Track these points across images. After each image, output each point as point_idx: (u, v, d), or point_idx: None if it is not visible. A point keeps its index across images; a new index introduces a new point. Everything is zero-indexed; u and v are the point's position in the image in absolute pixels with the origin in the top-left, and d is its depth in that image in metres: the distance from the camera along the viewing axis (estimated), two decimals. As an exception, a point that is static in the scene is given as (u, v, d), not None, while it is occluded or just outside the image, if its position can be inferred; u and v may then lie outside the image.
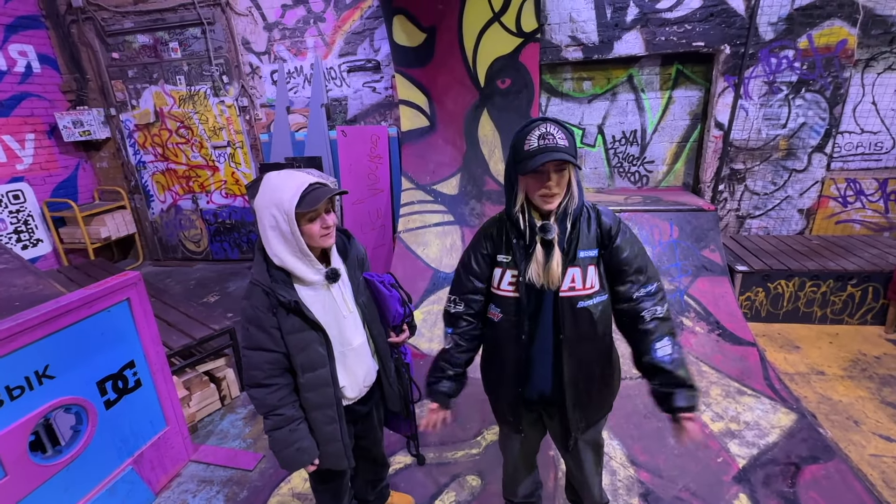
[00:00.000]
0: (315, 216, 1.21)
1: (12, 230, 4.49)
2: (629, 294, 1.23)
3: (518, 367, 1.30)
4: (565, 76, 4.12)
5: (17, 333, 1.52)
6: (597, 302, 1.22)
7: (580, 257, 1.19)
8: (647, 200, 3.79)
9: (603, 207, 1.27)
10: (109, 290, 1.85)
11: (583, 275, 1.20)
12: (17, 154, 4.51)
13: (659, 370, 1.22)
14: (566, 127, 1.16)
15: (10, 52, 4.42)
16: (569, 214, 1.18)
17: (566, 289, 1.20)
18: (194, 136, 4.90)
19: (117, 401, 1.92)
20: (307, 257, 1.25)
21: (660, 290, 1.25)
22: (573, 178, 1.17)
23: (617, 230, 1.22)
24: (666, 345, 1.22)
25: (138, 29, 4.57)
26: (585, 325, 1.22)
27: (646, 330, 1.23)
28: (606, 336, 1.28)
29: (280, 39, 4.35)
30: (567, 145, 1.12)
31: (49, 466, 1.66)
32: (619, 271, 1.23)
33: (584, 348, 1.25)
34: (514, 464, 1.61)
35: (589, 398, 1.31)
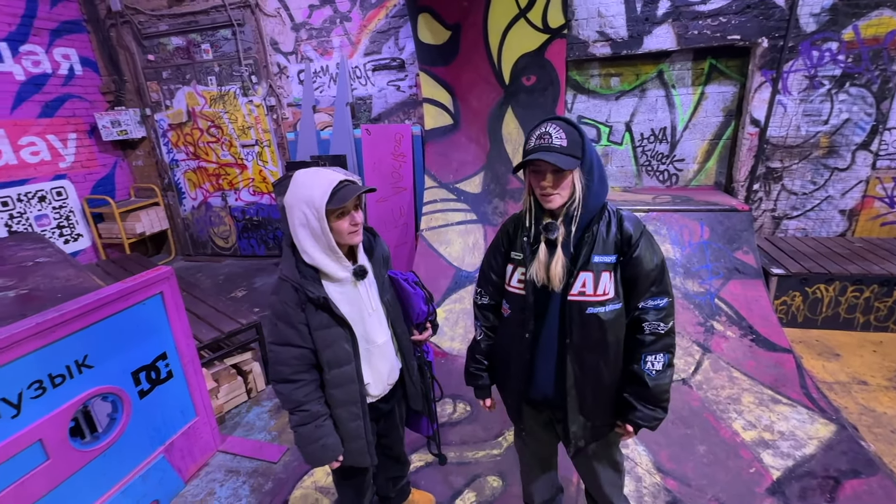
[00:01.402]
0: (344, 213, 1.23)
1: (55, 225, 4.72)
2: (636, 303, 1.21)
3: (521, 365, 1.30)
4: (592, 72, 4.03)
5: (59, 324, 1.59)
6: (609, 310, 1.18)
7: (594, 262, 1.16)
8: (677, 200, 3.68)
9: (627, 213, 1.23)
10: (144, 283, 1.91)
11: (595, 280, 1.16)
12: (60, 153, 4.73)
13: (638, 380, 1.21)
14: (574, 127, 1.14)
15: (54, 55, 4.64)
16: (574, 217, 1.15)
17: (576, 293, 1.17)
18: (224, 135, 5.03)
19: (150, 391, 1.99)
20: (335, 254, 1.26)
21: (669, 307, 1.21)
22: (577, 179, 1.14)
23: (639, 238, 1.17)
24: (657, 360, 1.20)
25: (172, 31, 4.72)
26: (594, 331, 1.19)
27: (641, 340, 1.21)
28: (619, 345, 1.23)
29: (307, 39, 4.41)
30: (563, 145, 1.10)
31: (87, 452, 1.74)
32: (633, 281, 1.19)
33: (591, 355, 1.21)
34: (527, 466, 1.60)
35: (595, 408, 1.27)
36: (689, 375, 2.76)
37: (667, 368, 1.20)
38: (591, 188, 1.15)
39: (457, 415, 2.59)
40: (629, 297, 1.21)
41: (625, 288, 1.21)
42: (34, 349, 1.53)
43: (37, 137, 4.52)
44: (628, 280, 1.19)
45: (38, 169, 4.54)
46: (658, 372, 1.19)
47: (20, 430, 1.51)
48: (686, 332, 3.02)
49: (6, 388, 1.47)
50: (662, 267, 1.20)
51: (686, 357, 2.88)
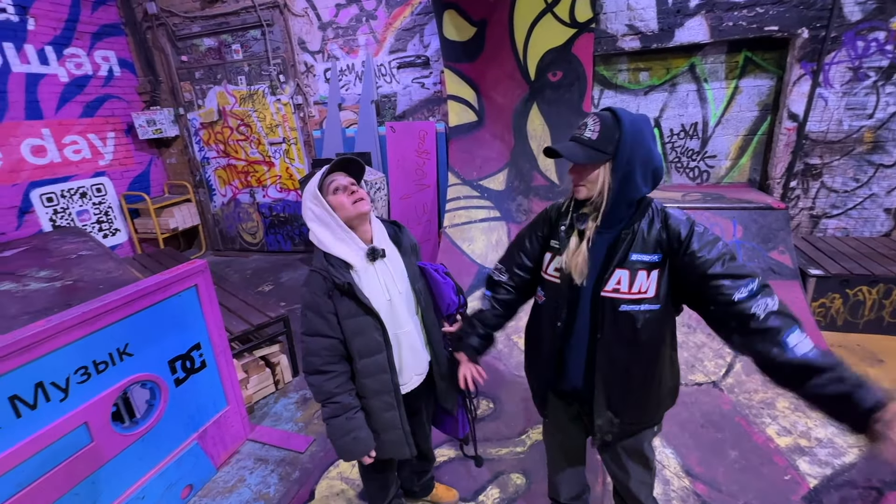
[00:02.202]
0: (337, 187, 1.29)
1: (95, 220, 4.95)
2: (728, 298, 1.05)
3: (552, 354, 1.30)
4: (620, 67, 3.95)
5: (103, 313, 1.67)
6: (644, 309, 1.14)
7: (631, 260, 1.13)
8: (708, 197, 3.57)
9: (674, 210, 1.18)
10: (180, 276, 1.98)
11: (631, 278, 1.13)
12: (99, 151, 4.95)
13: (810, 368, 0.97)
14: (618, 121, 1.09)
15: (95, 57, 4.85)
16: (599, 212, 1.13)
17: (609, 290, 1.15)
18: (253, 134, 5.16)
19: (185, 379, 2.07)
20: (348, 234, 1.31)
21: (763, 286, 1.06)
22: (604, 175, 1.11)
23: (689, 234, 1.11)
24: (801, 337, 1.00)
25: (205, 32, 4.86)
26: (627, 329, 1.16)
27: (764, 329, 1.02)
28: (653, 345, 1.20)
29: (333, 38, 4.47)
30: (592, 138, 1.09)
31: (127, 436, 1.82)
32: (703, 276, 1.09)
33: (622, 352, 1.19)
34: (554, 458, 1.58)
35: (623, 405, 1.25)
36: (720, 378, 2.68)
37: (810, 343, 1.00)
38: (628, 184, 1.09)
39: (480, 411, 2.58)
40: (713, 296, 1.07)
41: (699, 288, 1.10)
42: (80, 337, 1.61)
43: (79, 136, 4.73)
44: (697, 277, 1.09)
45: (79, 166, 4.76)
46: (815, 348, 0.99)
47: (68, 412, 1.60)
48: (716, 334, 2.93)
49: (56, 373, 1.56)
50: (727, 251, 1.10)
51: (716, 359, 2.80)
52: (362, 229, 1.35)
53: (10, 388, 1.43)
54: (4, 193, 4.17)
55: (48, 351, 1.51)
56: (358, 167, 1.36)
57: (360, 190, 1.32)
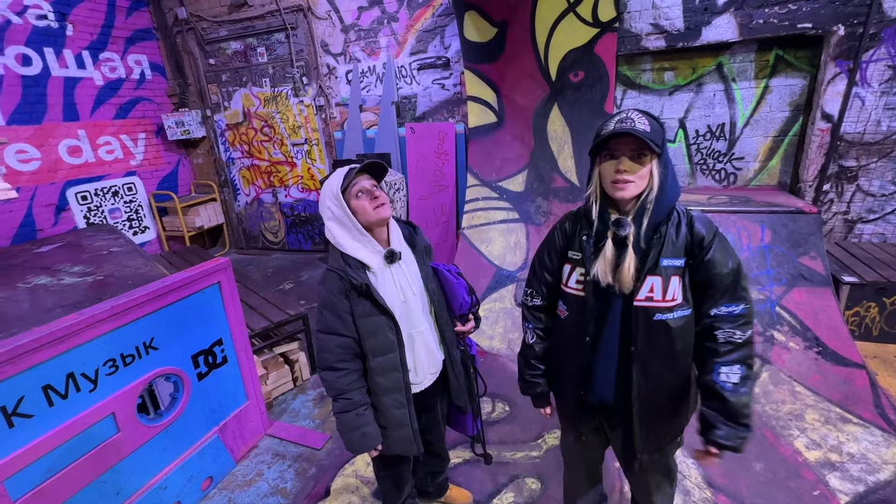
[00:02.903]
0: (360, 191, 1.29)
1: (126, 218, 5.13)
2: (708, 310, 1.13)
3: (580, 369, 1.25)
4: (644, 67, 3.87)
5: (131, 308, 1.73)
6: (678, 316, 1.12)
7: (663, 266, 1.10)
8: (735, 200, 3.46)
9: (699, 213, 1.16)
10: (204, 273, 2.04)
11: (664, 285, 1.10)
12: (131, 151, 5.13)
13: (714, 394, 1.12)
14: (654, 117, 1.09)
15: (128, 61, 5.04)
16: (647, 211, 1.09)
17: (643, 298, 1.11)
18: (276, 135, 5.27)
19: (207, 374, 2.12)
20: (365, 237, 1.31)
21: (746, 314, 1.11)
22: (655, 170, 1.08)
23: (711, 240, 1.10)
24: (733, 372, 1.10)
25: (232, 36, 4.99)
26: (661, 339, 1.13)
27: (714, 350, 1.12)
28: (686, 354, 1.17)
29: (355, 41, 4.53)
30: (647, 130, 1.05)
31: (152, 427, 1.87)
32: (706, 286, 1.12)
33: (657, 363, 1.16)
34: (573, 471, 1.55)
35: (659, 419, 1.22)
36: (745, 387, 2.59)
37: (744, 381, 1.10)
38: (667, 184, 1.09)
39: (496, 414, 2.57)
40: (701, 302, 1.14)
41: (696, 293, 1.14)
42: (109, 330, 1.67)
43: (112, 137, 4.92)
44: (700, 284, 1.12)
45: (112, 166, 4.95)
46: (735, 385, 1.09)
47: (96, 403, 1.66)
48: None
49: (86, 365, 1.62)
50: (738, 271, 1.12)
51: (742, 367, 2.71)
52: (380, 231, 1.36)
53: (43, 377, 1.50)
54: (43, 192, 4.37)
55: (79, 343, 1.58)
56: (381, 169, 1.37)
57: (382, 194, 1.33)
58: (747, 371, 1.12)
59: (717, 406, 1.12)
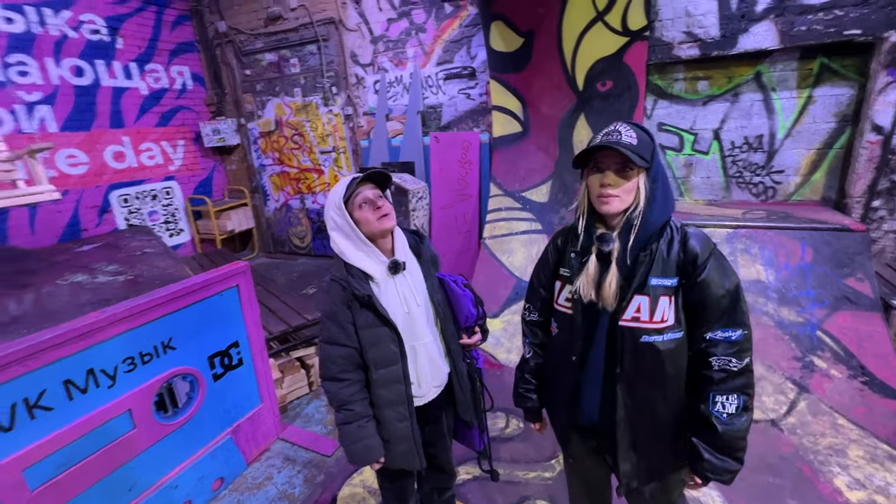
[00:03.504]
0: (364, 202, 1.27)
1: (163, 220, 5.38)
2: (703, 334, 1.06)
3: (568, 388, 1.21)
4: (677, 76, 3.74)
5: (150, 308, 1.78)
6: (668, 339, 1.06)
7: (651, 285, 1.04)
8: (773, 216, 3.27)
9: (695, 230, 1.09)
10: (223, 276, 2.09)
11: (651, 305, 1.04)
12: (170, 157, 5.39)
13: (706, 424, 1.06)
14: (646, 131, 1.07)
15: (171, 72, 5.32)
16: (634, 227, 1.04)
17: (629, 318, 1.06)
18: (305, 143, 5.41)
19: (223, 375, 2.16)
20: (368, 247, 1.30)
21: (744, 341, 1.05)
22: (642, 184, 1.04)
23: (706, 259, 1.04)
24: (729, 402, 1.04)
25: (266, 48, 5.19)
26: (650, 362, 1.07)
27: (709, 377, 1.06)
28: (678, 378, 1.10)
29: (384, 51, 4.61)
30: (633, 143, 1.02)
31: (167, 426, 1.92)
32: (700, 308, 1.05)
33: (645, 387, 1.10)
34: (572, 492, 1.49)
35: (651, 446, 1.14)
36: (780, 417, 2.42)
37: (742, 413, 1.04)
38: (655, 200, 1.05)
39: (509, 430, 2.50)
40: (695, 325, 1.07)
41: (689, 315, 1.07)
42: (129, 329, 1.73)
43: (153, 143, 5.19)
44: (694, 306, 1.06)
45: (152, 171, 5.21)
46: (730, 416, 1.04)
47: (114, 399, 1.71)
48: (778, 367, 2.66)
49: (106, 361, 1.68)
50: (736, 293, 1.05)
51: (777, 395, 2.53)
52: (384, 241, 1.35)
53: (65, 372, 1.56)
54: (89, 194, 4.64)
55: (100, 340, 1.64)
56: (385, 178, 1.36)
57: (385, 204, 1.31)
58: (745, 401, 1.05)
59: (710, 437, 1.06)
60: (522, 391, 1.40)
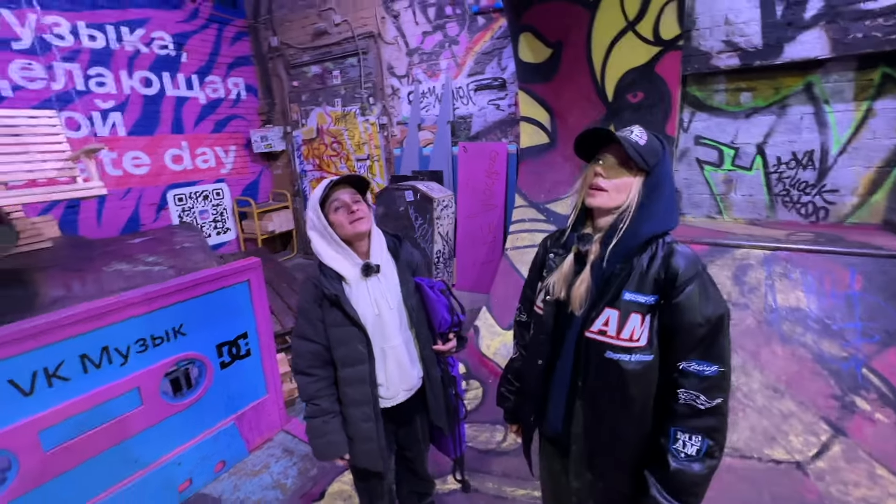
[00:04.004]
0: (339, 205, 1.31)
1: (212, 219, 5.80)
2: (674, 362, 0.99)
3: (534, 394, 1.19)
4: (717, 87, 3.54)
5: (163, 295, 1.94)
6: (635, 360, 0.99)
7: (624, 299, 0.99)
8: (822, 238, 2.99)
9: (682, 247, 1.03)
10: (234, 270, 2.23)
11: (620, 320, 0.99)
12: (222, 161, 5.83)
13: (661, 459, 0.99)
14: (660, 140, 1.04)
15: (228, 84, 5.77)
16: (618, 231, 1.01)
17: (595, 331, 1.02)
18: (343, 150, 5.65)
19: (230, 364, 2.29)
20: (343, 249, 1.34)
21: (718, 378, 0.96)
22: (636, 187, 1.01)
23: (687, 281, 0.96)
24: (690, 442, 0.96)
25: (312, 61, 5.50)
26: (613, 380, 1.02)
27: (673, 410, 0.99)
28: (644, 403, 1.03)
29: (418, 63, 4.74)
30: (640, 143, 1.00)
31: (173, 406, 2.06)
32: (673, 332, 0.98)
33: (607, 404, 1.05)
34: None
35: (607, 468, 1.07)
36: (808, 460, 2.18)
37: (703, 457, 0.96)
38: (648, 209, 1.01)
39: (506, 444, 2.44)
40: (669, 351, 1.00)
41: (663, 338, 1.01)
42: (142, 313, 1.89)
43: (208, 148, 5.64)
44: (668, 330, 0.99)
45: (205, 173, 5.65)
46: (689, 457, 0.96)
47: (125, 376, 1.87)
48: (812, 405, 2.40)
49: (120, 341, 1.84)
50: (718, 324, 0.97)
51: (807, 435, 2.29)
52: (360, 244, 1.39)
53: (82, 347, 1.73)
54: (149, 193, 5.11)
55: (115, 321, 1.80)
56: (363, 183, 1.40)
57: (361, 208, 1.35)
58: (710, 448, 0.96)
59: (661, 472, 0.98)
60: (504, 391, 1.40)
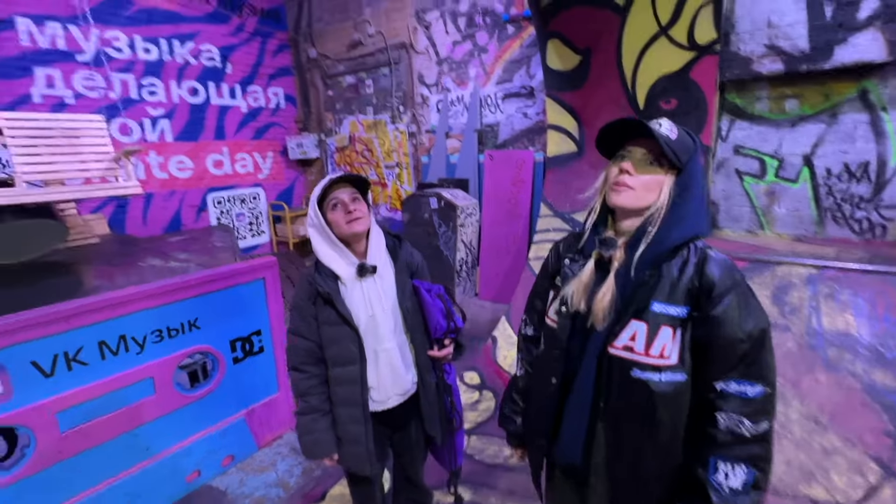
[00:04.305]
0: (337, 203, 1.30)
1: (248, 222, 6.05)
2: (711, 382, 0.88)
3: (543, 416, 1.07)
4: (759, 94, 3.33)
5: (178, 289, 2.02)
6: (666, 380, 0.88)
7: (653, 310, 0.88)
8: (877, 259, 2.72)
9: (717, 253, 0.92)
10: (250, 268, 2.29)
11: (649, 334, 0.88)
12: (260, 166, 6.09)
13: (699, 492, 0.87)
14: (691, 135, 0.95)
15: (268, 93, 6.05)
16: (646, 235, 0.91)
17: (620, 346, 0.91)
18: (373, 157, 5.76)
19: (243, 359, 2.34)
20: (339, 248, 1.32)
21: (764, 400, 0.86)
22: (667, 187, 0.91)
23: (725, 291, 0.86)
24: (734, 473, 0.85)
25: (347, 71, 5.67)
26: (639, 402, 0.91)
27: (712, 437, 0.87)
28: (675, 428, 0.92)
29: (448, 72, 4.78)
30: (671, 137, 0.90)
31: (185, 397, 2.13)
32: (710, 348, 0.88)
33: (633, 430, 0.93)
34: None
35: (633, 500, 0.96)
36: (853, 502, 1.95)
37: (748, 490, 0.85)
38: (678, 212, 0.91)
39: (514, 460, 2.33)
40: (703, 370, 0.89)
41: (698, 356, 0.90)
42: (159, 304, 1.97)
43: (247, 154, 5.91)
44: (703, 345, 0.88)
45: (243, 178, 5.92)
46: (733, 491, 0.85)
47: (140, 364, 1.95)
48: (860, 441, 2.16)
49: (137, 330, 1.93)
50: (761, 340, 0.86)
51: (853, 475, 2.06)
52: (357, 244, 1.38)
53: (101, 334, 1.82)
54: (191, 195, 5.40)
55: (133, 311, 1.89)
56: (364, 183, 1.40)
57: (359, 207, 1.33)
58: (757, 478, 0.85)
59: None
60: (507, 412, 1.28)
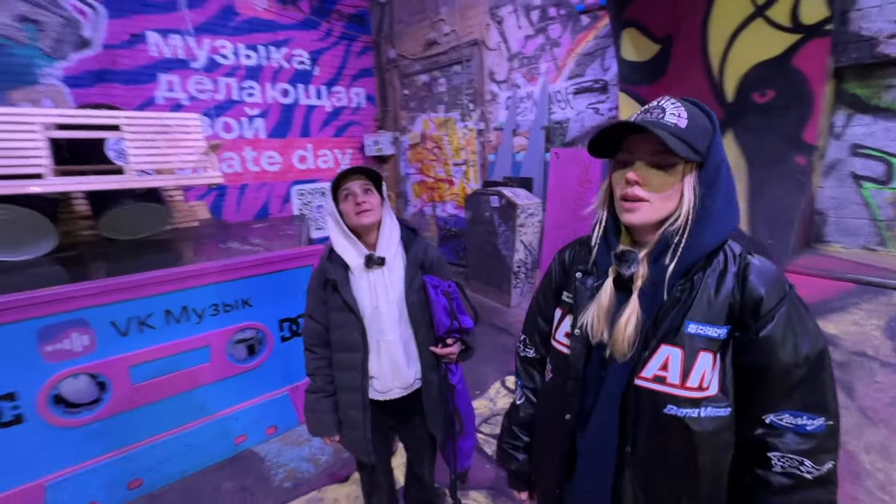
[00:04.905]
0: (348, 194, 1.32)
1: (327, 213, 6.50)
2: (760, 415, 0.73)
3: (555, 455, 0.90)
4: (887, 82, 2.76)
5: (234, 269, 2.23)
6: (707, 416, 0.73)
7: (687, 332, 0.73)
8: None
9: (760, 261, 0.76)
10: (300, 254, 2.46)
11: (685, 362, 0.73)
12: (339, 162, 6.50)
13: None
14: (705, 112, 0.76)
15: (350, 93, 6.43)
16: (672, 247, 0.74)
17: (649, 377, 0.75)
18: (442, 155, 5.84)
19: (290, 339, 2.52)
20: (350, 238, 1.35)
21: (825, 435, 0.70)
22: (688, 188, 0.73)
23: (774, 306, 0.71)
24: None
25: (422, 70, 5.81)
26: (675, 445, 0.75)
27: (765, 482, 0.72)
28: (719, 473, 0.77)
29: (518, 68, 4.66)
30: (680, 126, 0.71)
31: (236, 367, 2.35)
32: (758, 375, 0.73)
33: (667, 481, 0.78)
34: None
35: None
36: None
37: None
38: (711, 211, 0.73)
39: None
40: (750, 400, 0.75)
41: (743, 384, 0.75)
42: (216, 282, 2.20)
43: (328, 150, 6.35)
44: (750, 373, 0.74)
45: (324, 173, 6.36)
46: None
47: (199, 333, 2.19)
48: None
49: (197, 303, 2.17)
50: (819, 363, 0.71)
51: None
52: (368, 235, 1.40)
53: (166, 304, 2.08)
54: (278, 187, 5.95)
55: (193, 286, 2.13)
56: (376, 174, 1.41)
57: (369, 199, 1.33)
58: None
59: None
60: (507, 447, 1.08)
